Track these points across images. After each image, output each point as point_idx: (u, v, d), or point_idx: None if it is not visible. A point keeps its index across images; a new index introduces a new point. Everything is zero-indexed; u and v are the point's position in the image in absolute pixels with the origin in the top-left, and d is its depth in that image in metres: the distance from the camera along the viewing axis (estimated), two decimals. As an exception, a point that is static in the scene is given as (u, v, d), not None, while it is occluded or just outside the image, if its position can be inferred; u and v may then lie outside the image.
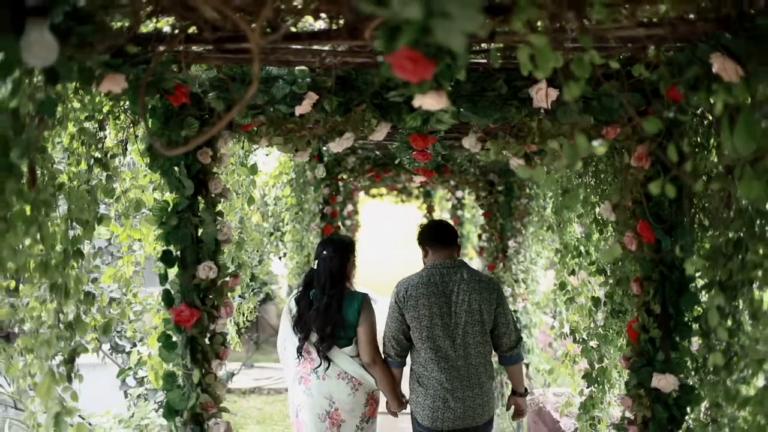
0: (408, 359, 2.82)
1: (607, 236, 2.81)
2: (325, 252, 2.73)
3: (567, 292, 3.27)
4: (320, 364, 2.69)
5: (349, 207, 6.52)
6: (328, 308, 2.65)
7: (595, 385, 2.91)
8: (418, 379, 2.69)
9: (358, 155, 4.15)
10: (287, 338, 2.84)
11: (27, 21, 1.04)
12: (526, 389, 3.02)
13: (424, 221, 5.07)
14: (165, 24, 1.61)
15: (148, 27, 1.61)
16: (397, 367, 2.76)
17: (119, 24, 1.48)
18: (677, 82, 1.60)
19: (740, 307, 1.64)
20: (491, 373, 2.78)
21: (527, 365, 4.35)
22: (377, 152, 4.11)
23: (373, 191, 8.06)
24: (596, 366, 2.90)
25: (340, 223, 4.56)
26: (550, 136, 1.82)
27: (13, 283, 1.92)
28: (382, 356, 2.75)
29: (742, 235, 1.61)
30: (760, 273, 1.54)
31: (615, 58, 1.54)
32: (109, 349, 4.11)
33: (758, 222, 1.56)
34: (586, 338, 3.01)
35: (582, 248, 3.16)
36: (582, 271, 3.16)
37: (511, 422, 4.52)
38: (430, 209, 8.56)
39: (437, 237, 2.80)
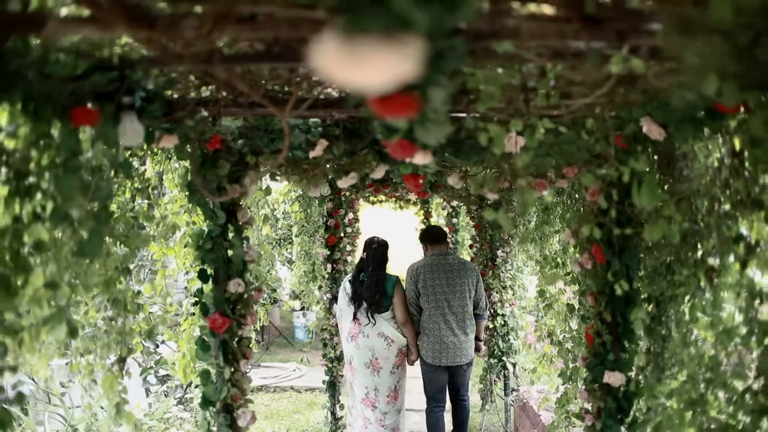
0: None
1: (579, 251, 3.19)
2: (372, 246, 3.97)
3: (546, 299, 3.66)
4: (369, 323, 3.89)
5: (350, 215, 6.89)
6: (376, 284, 3.88)
7: (570, 382, 3.29)
8: (425, 331, 3.96)
9: (359, 172, 4.52)
10: (343, 308, 4.03)
11: (122, 114, 1.42)
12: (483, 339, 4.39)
13: (423, 226, 6.89)
14: (205, 90, 1.99)
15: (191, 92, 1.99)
16: (417, 324, 4.02)
17: (170, 92, 1.87)
18: (621, 135, 1.99)
19: (670, 317, 2.02)
20: (472, 328, 4.04)
21: (514, 365, 4.73)
22: (377, 169, 4.48)
23: (373, 199, 8.42)
24: (570, 365, 3.28)
25: (342, 234, 4.94)
26: (520, 175, 2.20)
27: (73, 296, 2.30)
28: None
29: (671, 259, 2.00)
30: (683, 290, 1.93)
31: (564, 122, 1.92)
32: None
33: (682, 250, 1.94)
34: (561, 341, 3.40)
35: (559, 260, 3.55)
36: (560, 281, 3.55)
37: (499, 416, 4.91)
38: (428, 215, 8.92)
39: (435, 236, 4.20)
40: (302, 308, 8.22)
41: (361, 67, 0.50)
